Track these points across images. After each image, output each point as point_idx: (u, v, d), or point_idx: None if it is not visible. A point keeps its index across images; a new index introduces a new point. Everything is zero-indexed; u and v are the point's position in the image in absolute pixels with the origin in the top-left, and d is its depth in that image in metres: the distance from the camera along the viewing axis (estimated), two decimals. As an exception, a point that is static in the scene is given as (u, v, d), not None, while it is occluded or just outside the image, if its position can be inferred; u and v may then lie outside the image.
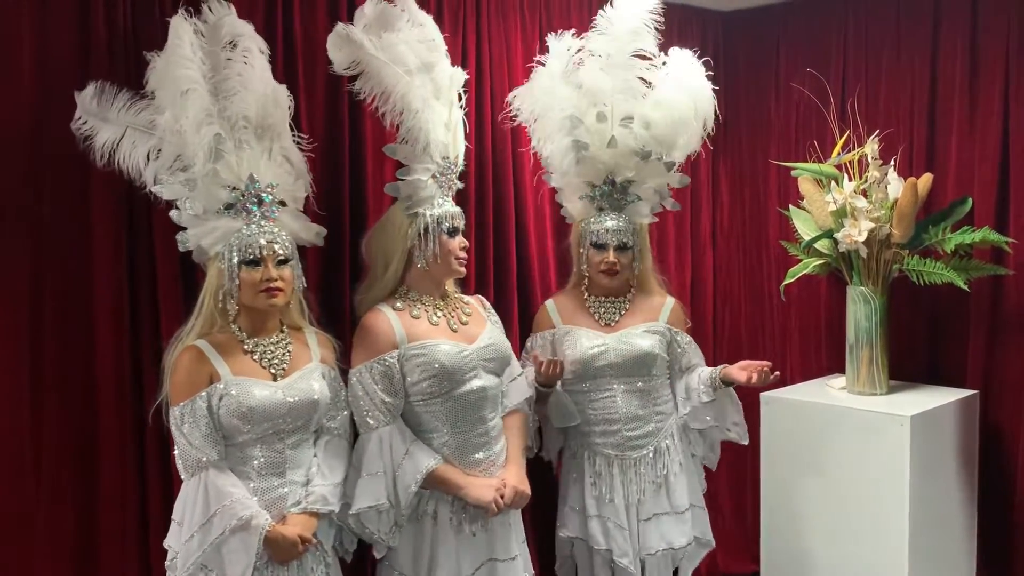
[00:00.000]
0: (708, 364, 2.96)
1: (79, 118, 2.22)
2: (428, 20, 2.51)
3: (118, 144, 2.22)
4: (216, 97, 2.21)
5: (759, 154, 3.82)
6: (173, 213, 2.27)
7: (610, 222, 2.81)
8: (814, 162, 3.28)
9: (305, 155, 2.41)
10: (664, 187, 2.89)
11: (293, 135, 2.38)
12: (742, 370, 2.76)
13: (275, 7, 2.59)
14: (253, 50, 2.28)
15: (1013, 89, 3.12)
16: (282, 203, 2.31)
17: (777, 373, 2.78)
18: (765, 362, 2.77)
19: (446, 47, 2.54)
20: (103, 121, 2.22)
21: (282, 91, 2.34)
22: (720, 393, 2.82)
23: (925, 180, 3.13)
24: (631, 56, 2.83)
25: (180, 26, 2.21)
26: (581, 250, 2.86)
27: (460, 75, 2.58)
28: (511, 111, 2.94)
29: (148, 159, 2.23)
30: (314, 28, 2.66)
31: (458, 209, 2.53)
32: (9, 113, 2.25)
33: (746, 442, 2.95)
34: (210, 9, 2.29)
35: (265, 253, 2.21)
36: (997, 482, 3.24)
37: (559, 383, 2.79)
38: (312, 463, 2.30)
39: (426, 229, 2.44)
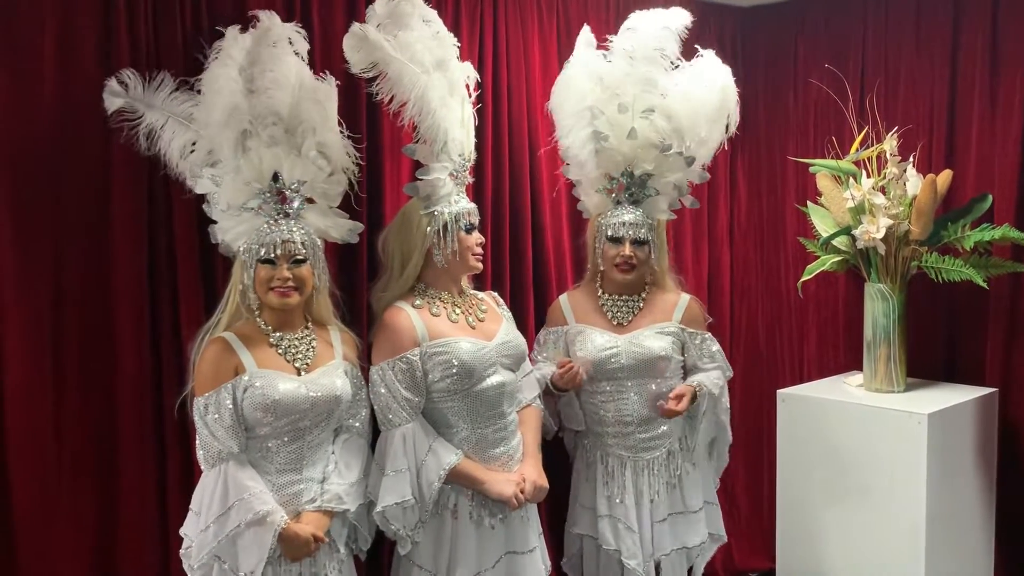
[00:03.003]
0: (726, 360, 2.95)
1: (119, 103, 2.26)
2: (434, 15, 2.51)
3: (161, 131, 2.27)
4: (251, 93, 2.23)
5: (777, 150, 3.81)
6: (205, 206, 2.31)
7: (627, 215, 2.79)
8: (832, 158, 3.27)
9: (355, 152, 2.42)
10: (684, 182, 2.86)
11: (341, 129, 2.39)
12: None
13: (293, 4, 2.60)
14: (290, 50, 2.30)
15: (1034, 85, 3.10)
16: (310, 200, 2.31)
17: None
18: (671, 402, 2.73)
19: (455, 40, 2.53)
20: (148, 107, 2.27)
21: (324, 88, 2.35)
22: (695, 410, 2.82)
23: (944, 177, 3.12)
24: (655, 51, 2.82)
25: (233, 35, 2.29)
26: (597, 245, 2.85)
27: (471, 70, 2.58)
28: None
29: (185, 152, 2.27)
30: (332, 25, 2.67)
31: (473, 205, 2.54)
32: (31, 112, 2.27)
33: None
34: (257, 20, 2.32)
35: (279, 252, 2.22)
36: (1015, 481, 3.23)
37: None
38: (330, 461, 2.32)
39: (445, 227, 2.45)
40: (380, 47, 2.34)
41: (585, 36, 2.91)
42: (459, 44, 2.55)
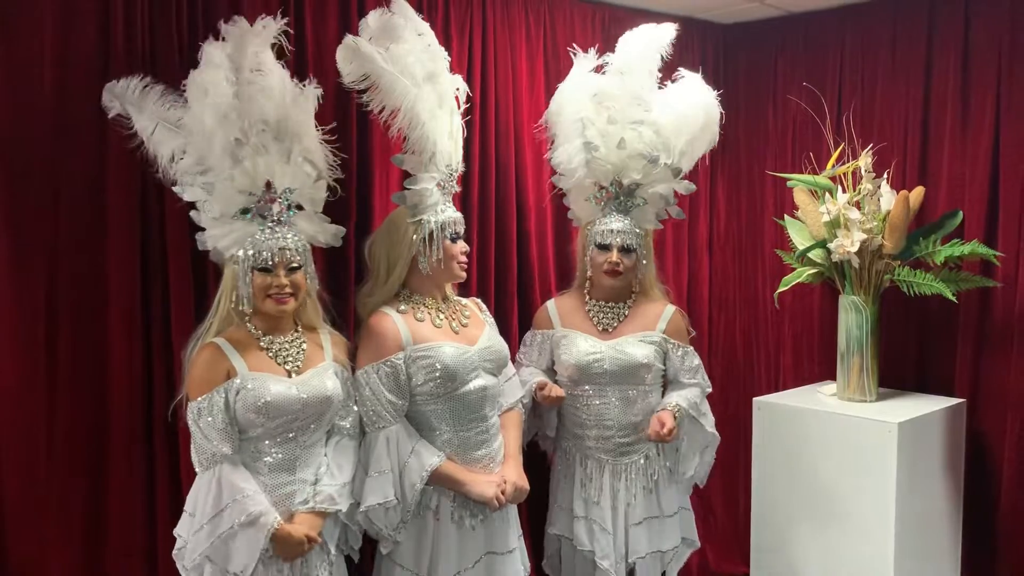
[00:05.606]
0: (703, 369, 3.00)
1: (117, 106, 2.29)
2: (426, 28, 2.55)
3: (151, 137, 2.28)
4: (238, 100, 2.25)
5: (756, 165, 3.88)
6: (193, 213, 2.32)
7: (615, 223, 2.85)
8: (809, 173, 3.35)
9: (334, 155, 2.44)
10: (670, 193, 2.92)
11: (321, 130, 2.41)
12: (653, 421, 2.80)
13: (287, 14, 2.63)
14: (267, 62, 2.31)
15: (1004, 106, 3.18)
16: (299, 207, 2.34)
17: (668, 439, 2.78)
18: (666, 428, 2.75)
19: (446, 52, 2.58)
20: (139, 111, 2.29)
21: (307, 95, 2.37)
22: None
23: (917, 193, 3.20)
24: (643, 68, 2.91)
25: (212, 48, 2.29)
26: (586, 252, 2.91)
27: (460, 82, 2.62)
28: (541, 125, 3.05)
29: (173, 158, 2.28)
30: (325, 36, 2.71)
31: (459, 214, 2.59)
32: (28, 115, 2.31)
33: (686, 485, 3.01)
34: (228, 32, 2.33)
35: (276, 260, 2.26)
36: (982, 489, 3.31)
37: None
38: (322, 463, 2.35)
39: (431, 235, 2.49)
40: (372, 59, 2.37)
41: (582, 56, 3.00)
42: (449, 58, 2.60)
